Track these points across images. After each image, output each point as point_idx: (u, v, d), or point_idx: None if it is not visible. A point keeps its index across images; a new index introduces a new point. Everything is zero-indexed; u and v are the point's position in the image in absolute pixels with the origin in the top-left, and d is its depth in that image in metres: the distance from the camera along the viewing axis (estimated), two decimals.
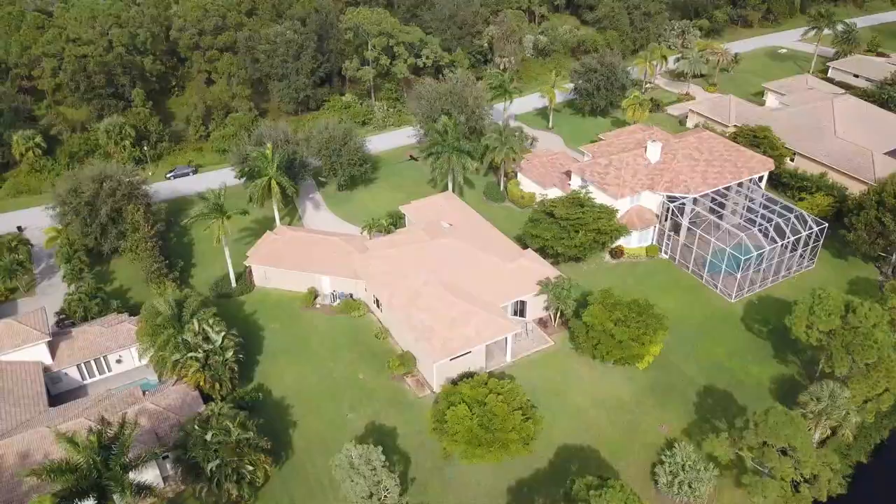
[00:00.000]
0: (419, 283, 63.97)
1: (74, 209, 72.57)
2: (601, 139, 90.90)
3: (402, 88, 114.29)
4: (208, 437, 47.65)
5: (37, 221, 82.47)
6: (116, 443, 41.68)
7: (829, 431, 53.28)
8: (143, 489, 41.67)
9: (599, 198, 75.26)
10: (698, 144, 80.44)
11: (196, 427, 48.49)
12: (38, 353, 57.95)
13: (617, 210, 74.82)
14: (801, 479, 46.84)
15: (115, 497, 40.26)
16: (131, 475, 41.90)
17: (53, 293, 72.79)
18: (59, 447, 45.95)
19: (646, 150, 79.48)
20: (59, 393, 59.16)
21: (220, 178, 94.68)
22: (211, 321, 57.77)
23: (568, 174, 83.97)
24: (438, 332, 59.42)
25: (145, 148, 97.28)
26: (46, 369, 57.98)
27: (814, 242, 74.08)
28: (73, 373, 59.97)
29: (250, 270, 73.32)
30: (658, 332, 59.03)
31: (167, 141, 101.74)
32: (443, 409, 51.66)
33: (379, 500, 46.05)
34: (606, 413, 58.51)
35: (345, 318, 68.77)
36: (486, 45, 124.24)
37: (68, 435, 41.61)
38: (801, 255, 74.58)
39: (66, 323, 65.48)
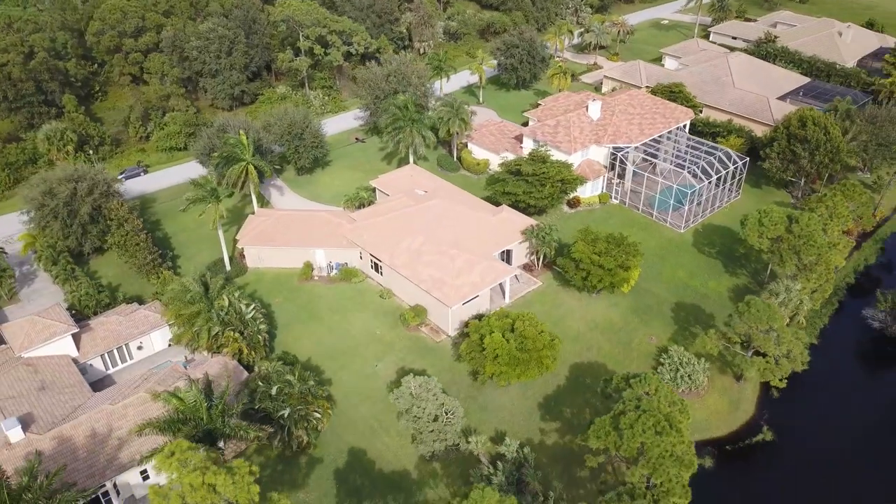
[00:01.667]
0: (418, 243, 69.28)
1: (53, 211, 71.90)
2: (540, 104, 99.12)
3: (334, 76, 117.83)
4: (273, 391, 51.16)
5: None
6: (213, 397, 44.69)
7: (787, 319, 63.71)
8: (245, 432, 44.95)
9: (554, 155, 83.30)
10: (630, 101, 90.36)
11: (260, 383, 51.80)
12: (65, 345, 58.42)
13: (572, 164, 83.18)
14: (781, 355, 56.57)
15: (221, 443, 43.44)
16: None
17: (38, 298, 71.74)
18: (127, 419, 48.46)
19: (587, 109, 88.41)
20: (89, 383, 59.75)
21: (169, 175, 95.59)
22: (237, 294, 60.59)
23: (518, 139, 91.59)
24: (448, 282, 65.10)
25: (90, 152, 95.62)
26: (73, 361, 58.58)
27: (738, 176, 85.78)
28: (98, 363, 60.73)
29: (242, 253, 75.61)
30: (636, 257, 67.65)
31: (109, 144, 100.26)
32: (475, 340, 57.53)
33: (443, 422, 51.33)
34: (601, 334, 66.56)
35: (345, 286, 72.89)
36: (404, 30, 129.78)
37: (177, 392, 44.14)
38: (728, 189, 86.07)
39: (78, 318, 65.52)
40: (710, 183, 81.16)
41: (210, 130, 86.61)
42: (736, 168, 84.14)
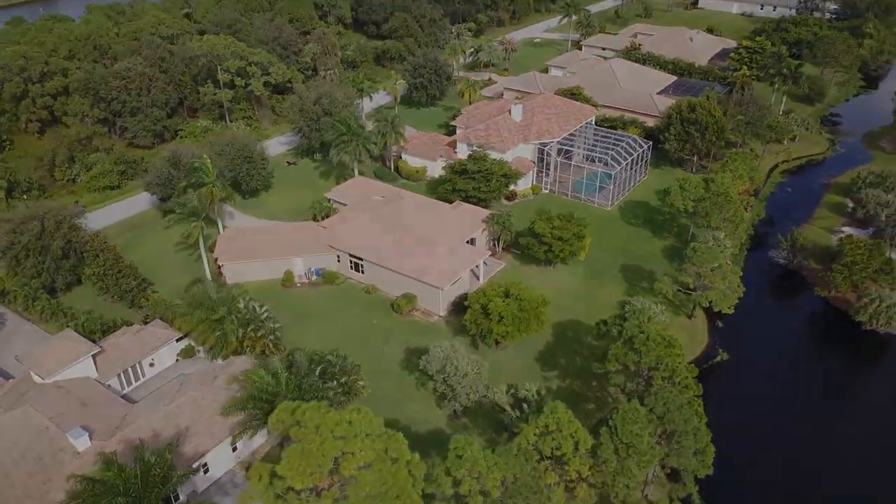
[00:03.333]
0: (397, 237, 75.82)
1: (25, 249, 71.38)
2: (463, 113, 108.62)
3: (253, 107, 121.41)
4: (317, 370, 55.79)
5: None
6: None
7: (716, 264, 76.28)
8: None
9: (490, 155, 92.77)
10: (545, 103, 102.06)
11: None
12: (87, 368, 59.33)
13: (507, 161, 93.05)
14: (726, 287, 68.56)
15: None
16: None
17: (18, 340, 70.60)
18: (184, 417, 51.48)
19: (510, 113, 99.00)
20: None
21: (111, 213, 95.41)
22: (248, 298, 64.25)
23: (451, 145, 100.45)
24: (434, 268, 72.12)
25: (24, 197, 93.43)
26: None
27: (645, 158, 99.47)
28: (115, 383, 61.79)
29: (219, 270, 78.28)
30: (586, 227, 78.08)
31: (36, 189, 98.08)
32: (477, 310, 64.91)
33: (473, 376, 58.11)
34: (569, 297, 76.03)
35: (330, 287, 77.71)
36: (309, 60, 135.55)
37: (264, 371, 48.11)
38: (637, 171, 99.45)
39: None
40: (626, 165, 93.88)
41: (160, 161, 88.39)
42: (643, 151, 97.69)
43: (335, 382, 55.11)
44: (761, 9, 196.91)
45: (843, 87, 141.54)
